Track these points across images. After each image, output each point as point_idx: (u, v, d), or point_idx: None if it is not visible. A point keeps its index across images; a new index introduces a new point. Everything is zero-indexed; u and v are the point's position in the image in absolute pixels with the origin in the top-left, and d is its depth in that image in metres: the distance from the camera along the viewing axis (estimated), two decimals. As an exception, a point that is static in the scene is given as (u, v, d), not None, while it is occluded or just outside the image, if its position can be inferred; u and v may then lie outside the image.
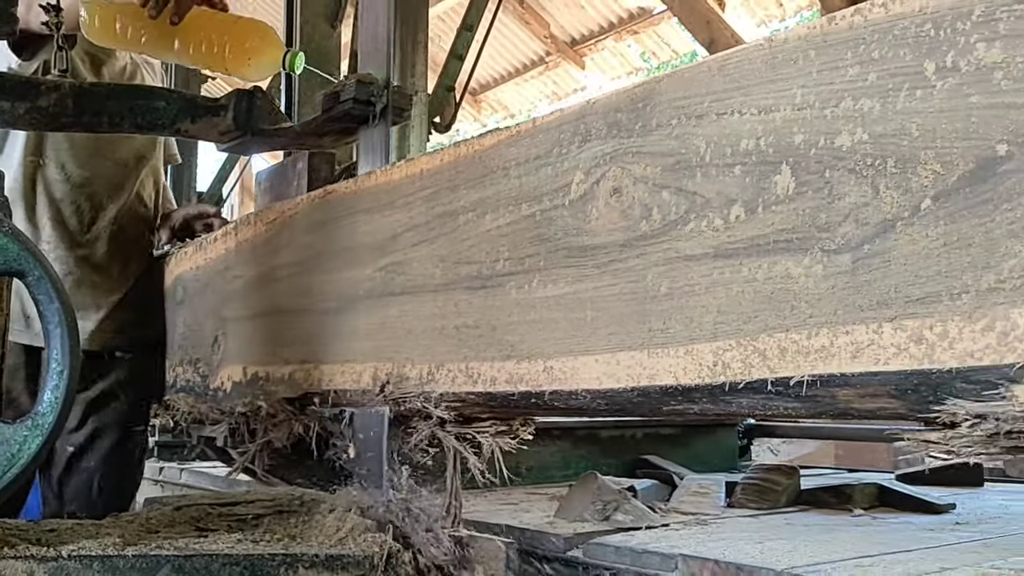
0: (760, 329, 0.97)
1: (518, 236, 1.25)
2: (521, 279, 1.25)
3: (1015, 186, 0.80)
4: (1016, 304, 0.79)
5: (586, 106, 1.19)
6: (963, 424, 0.85)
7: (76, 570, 1.29)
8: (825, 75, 0.94)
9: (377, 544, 1.40)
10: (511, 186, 1.27)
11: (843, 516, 1.89)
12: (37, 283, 1.33)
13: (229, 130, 1.97)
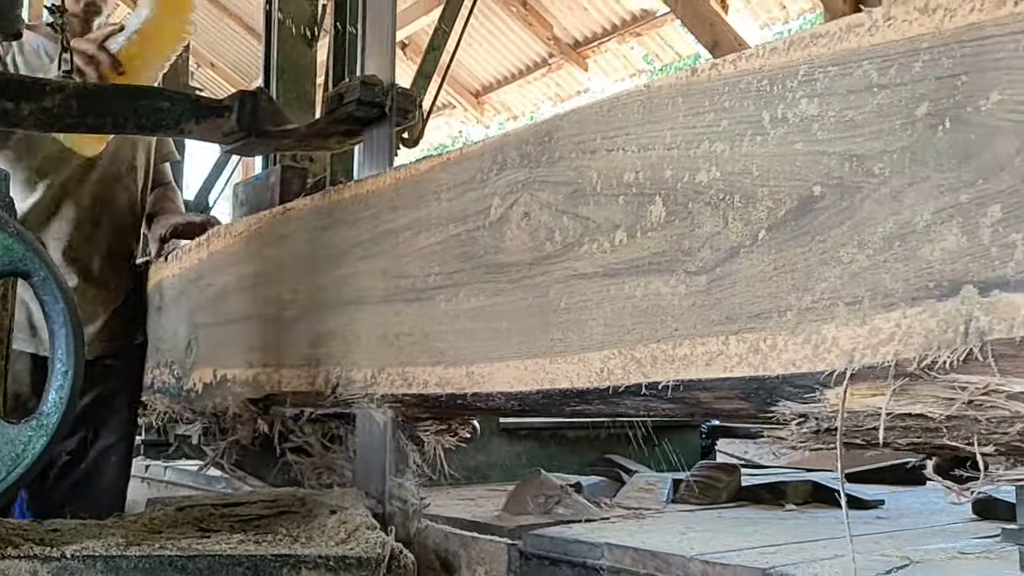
0: (637, 340, 1.13)
1: (447, 253, 1.41)
2: (449, 292, 1.41)
3: (826, 221, 0.95)
4: (827, 320, 0.95)
5: (504, 138, 1.35)
6: (792, 422, 1.00)
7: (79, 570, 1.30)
8: (689, 119, 1.10)
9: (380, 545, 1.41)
10: (442, 208, 1.43)
11: (776, 511, 2.05)
12: (42, 284, 1.33)
13: (233, 131, 1.99)
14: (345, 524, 1.49)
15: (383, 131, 1.89)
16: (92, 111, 1.89)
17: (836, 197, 0.94)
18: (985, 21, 0.85)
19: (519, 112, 12.75)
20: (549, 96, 12.41)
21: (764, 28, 10.93)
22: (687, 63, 11.81)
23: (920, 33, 0.89)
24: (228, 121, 1.98)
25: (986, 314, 0.82)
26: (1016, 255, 0.81)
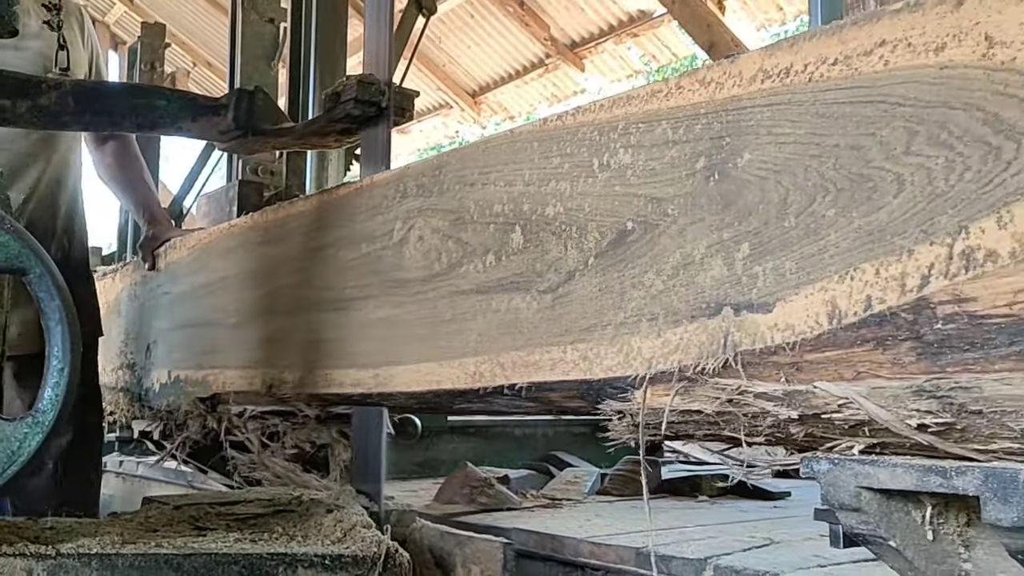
0: (502, 348, 1.36)
1: (360, 269, 1.65)
2: (361, 303, 1.64)
3: (635, 251, 1.18)
4: (634, 334, 1.18)
5: (405, 170, 1.59)
6: (614, 418, 1.24)
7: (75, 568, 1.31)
8: (542, 161, 1.33)
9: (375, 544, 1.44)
10: (357, 229, 1.67)
11: (688, 502, 2.28)
12: (38, 281, 1.34)
13: (229, 129, 2.02)
14: (341, 523, 1.52)
15: (380, 129, 1.94)
16: (89, 109, 1.91)
17: (642, 231, 1.17)
18: (742, 94, 1.07)
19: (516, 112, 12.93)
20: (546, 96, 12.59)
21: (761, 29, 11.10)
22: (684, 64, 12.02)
23: (699, 101, 1.12)
24: (224, 119, 2.03)
25: (738, 330, 1.05)
26: (758, 283, 1.04)
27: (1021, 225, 0.84)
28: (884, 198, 0.94)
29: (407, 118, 1.99)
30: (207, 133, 2.10)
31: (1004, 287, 0.85)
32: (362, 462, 1.87)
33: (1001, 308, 0.86)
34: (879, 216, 0.94)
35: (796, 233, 1.01)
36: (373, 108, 1.91)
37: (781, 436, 1.12)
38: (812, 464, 1.08)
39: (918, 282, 0.90)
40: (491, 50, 12.13)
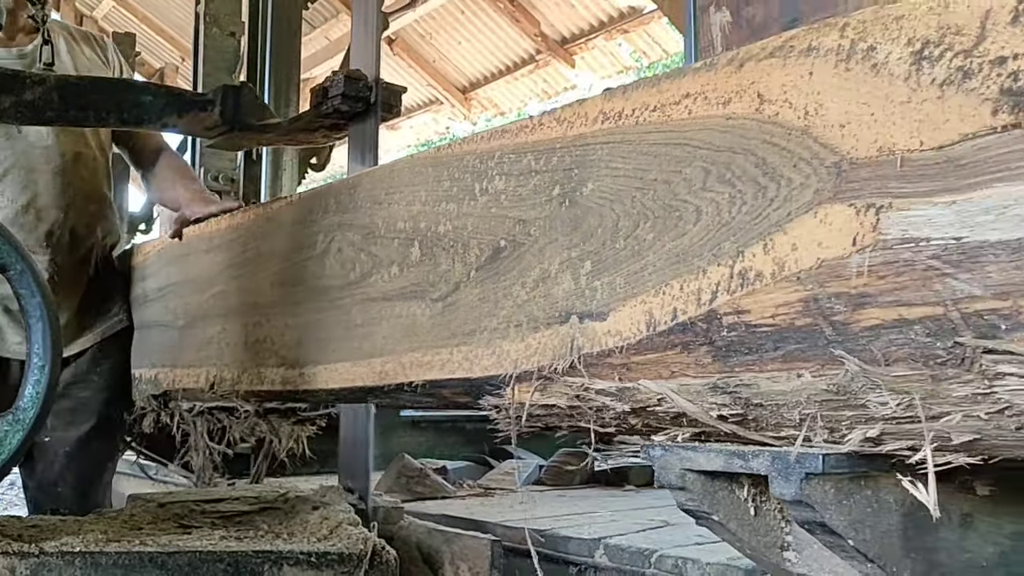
0: (403, 349, 1.57)
1: (288, 276, 1.86)
2: (289, 308, 1.85)
3: (507, 266, 1.39)
4: (504, 338, 1.38)
5: (328, 187, 1.80)
6: (493, 411, 1.44)
7: (58, 566, 1.31)
8: (436, 184, 1.54)
9: (362, 541, 1.47)
10: (286, 240, 1.88)
11: (614, 491, 2.49)
12: (19, 277, 1.35)
13: (216, 125, 2.06)
14: (327, 520, 1.56)
15: (368, 125, 2.00)
16: (73, 104, 1.93)
17: (512, 249, 1.38)
18: (587, 132, 1.28)
19: (507, 108, 13.10)
20: (536, 93, 12.76)
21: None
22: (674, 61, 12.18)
23: (556, 136, 1.33)
24: (211, 115, 2.06)
25: (581, 335, 1.26)
26: (597, 296, 1.25)
27: (780, 251, 1.04)
28: (687, 226, 1.14)
29: (395, 114, 2.06)
30: (193, 129, 2.14)
31: (768, 301, 1.06)
32: (349, 459, 1.95)
33: (767, 319, 1.06)
34: (683, 241, 1.15)
35: (625, 253, 1.21)
36: (361, 104, 1.96)
37: (625, 426, 1.33)
38: (648, 450, 1.29)
39: (709, 297, 1.11)
40: (481, 46, 12.30)
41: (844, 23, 1.00)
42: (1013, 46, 0.87)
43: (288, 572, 1.43)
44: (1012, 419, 0.96)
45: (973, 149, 0.90)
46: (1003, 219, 0.88)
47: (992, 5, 0.89)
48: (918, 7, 0.94)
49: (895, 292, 0.96)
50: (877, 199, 0.96)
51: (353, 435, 1.94)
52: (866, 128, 0.97)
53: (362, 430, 1.91)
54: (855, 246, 0.97)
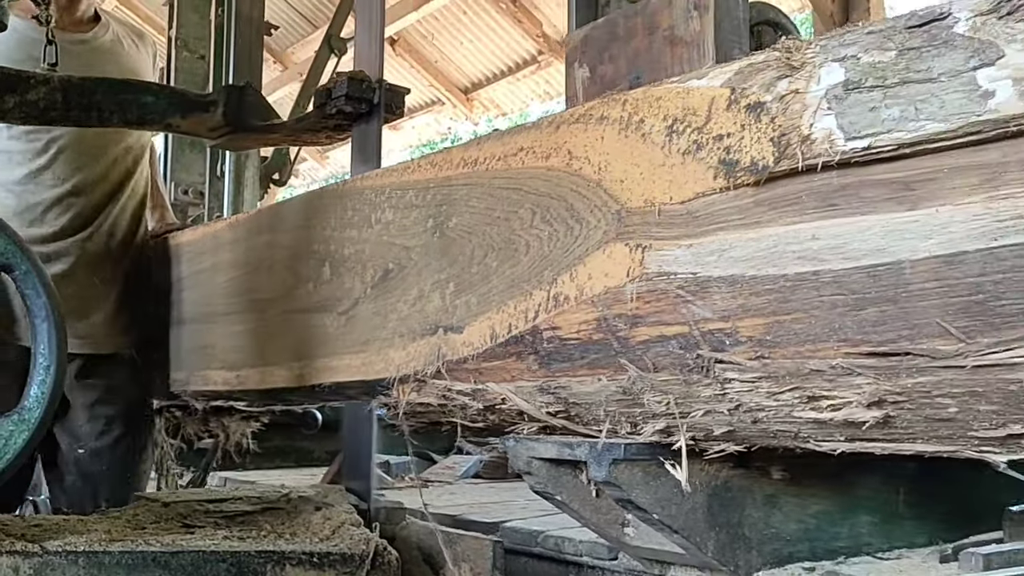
0: (316, 355, 1.88)
1: (231, 289, 2.17)
2: (233, 317, 2.16)
3: (394, 285, 1.69)
4: (391, 347, 1.69)
5: (260, 211, 2.11)
6: (386, 408, 1.74)
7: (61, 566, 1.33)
8: (342, 213, 1.84)
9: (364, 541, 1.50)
10: (228, 256, 2.19)
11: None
12: (24, 278, 1.37)
13: (219, 126, 2.09)
14: (330, 521, 1.60)
15: (372, 126, 2.04)
16: (77, 105, 1.96)
17: (398, 271, 1.68)
18: (452, 175, 1.58)
19: (508, 109, 13.32)
20: (538, 94, 12.98)
21: (754, 27, 11.47)
22: (677, 62, 12.31)
23: (430, 177, 1.63)
24: (214, 116, 2.09)
25: (445, 345, 1.56)
26: (457, 312, 1.55)
27: (580, 279, 1.34)
28: (520, 256, 1.44)
29: (398, 115, 2.13)
30: (197, 129, 2.17)
31: (574, 319, 1.35)
32: (352, 460, 1.99)
33: (574, 333, 1.36)
34: (517, 268, 1.44)
35: (477, 277, 1.51)
36: (364, 104, 2.00)
37: (489, 422, 1.63)
38: (505, 442, 1.59)
39: (534, 315, 1.41)
40: (484, 47, 12.53)
41: (624, 99, 1.30)
42: (727, 127, 1.16)
43: (290, 572, 1.46)
44: (747, 415, 1.25)
45: (703, 204, 1.19)
46: (723, 259, 1.17)
47: (716, 94, 1.18)
48: (671, 91, 1.24)
49: (657, 314, 1.25)
50: (643, 240, 1.26)
51: (355, 436, 2.01)
52: (637, 183, 1.27)
53: (364, 431, 1.97)
54: (628, 277, 1.27)
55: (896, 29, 1.02)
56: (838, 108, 1.06)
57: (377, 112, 2.03)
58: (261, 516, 1.69)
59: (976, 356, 1.00)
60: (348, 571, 1.50)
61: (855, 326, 1.08)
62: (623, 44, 1.67)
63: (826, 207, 1.08)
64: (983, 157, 0.97)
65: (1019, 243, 0.94)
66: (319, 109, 2.06)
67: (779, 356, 1.16)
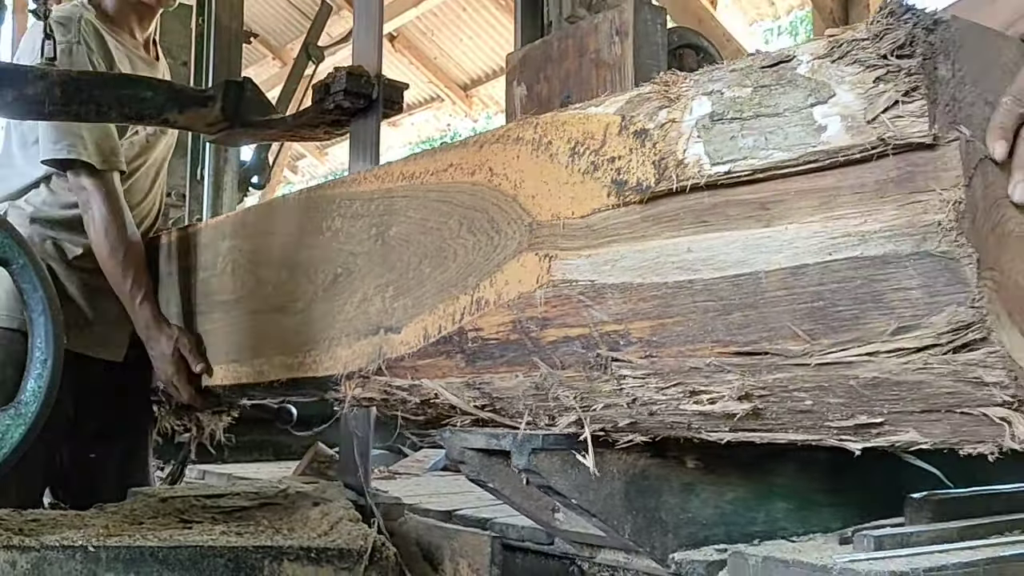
0: (274, 353, 2.04)
1: (199, 290, 2.34)
2: (204, 316, 2.33)
3: (342, 288, 1.86)
4: (339, 345, 1.85)
5: (226, 218, 2.28)
6: (333, 403, 1.91)
7: (58, 560, 1.34)
8: (300, 220, 2.00)
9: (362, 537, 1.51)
10: (199, 258, 2.36)
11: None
12: (21, 271, 1.39)
13: (217, 120, 2.13)
14: (327, 516, 1.62)
15: (370, 122, 2.08)
16: (75, 99, 1.99)
17: (346, 275, 1.85)
18: (393, 188, 1.75)
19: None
20: (537, 91, 13.08)
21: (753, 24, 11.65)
22: (676, 59, 12.45)
23: (375, 189, 1.80)
24: (212, 110, 2.14)
25: (386, 344, 1.73)
26: (396, 314, 1.71)
27: (499, 285, 1.50)
28: (450, 263, 1.61)
29: (396, 110, 2.14)
30: (195, 124, 2.22)
31: (493, 321, 1.52)
32: (349, 456, 2.02)
33: (494, 334, 1.53)
34: (447, 274, 1.61)
35: (413, 282, 1.68)
36: (363, 100, 2.04)
37: (428, 415, 1.79)
38: (441, 434, 1.75)
39: (460, 317, 1.57)
40: (483, 43, 12.69)
41: (536, 122, 1.46)
42: (619, 150, 1.33)
43: (288, 567, 1.47)
44: (643, 407, 1.41)
45: (600, 219, 1.36)
46: (615, 268, 1.34)
47: (610, 121, 1.35)
48: (573, 116, 1.40)
49: (562, 317, 1.42)
50: (550, 251, 1.42)
51: (353, 433, 2.03)
52: (546, 199, 1.43)
53: (362, 428, 2.00)
54: (538, 283, 1.43)
55: (753, 68, 1.18)
56: (706, 136, 1.22)
57: (376, 108, 2.07)
58: (259, 511, 1.72)
59: (819, 355, 1.16)
60: (346, 566, 1.51)
61: (724, 328, 1.24)
62: (556, 65, 1.83)
63: (699, 223, 1.25)
64: (820, 183, 1.13)
65: (850, 257, 1.10)
66: (317, 104, 2.09)
67: (664, 355, 1.32)
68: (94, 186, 2.35)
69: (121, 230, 2.35)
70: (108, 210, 2.34)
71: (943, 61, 1.05)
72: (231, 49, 3.14)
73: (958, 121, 1.05)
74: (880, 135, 1.05)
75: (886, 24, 1.05)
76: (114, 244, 2.33)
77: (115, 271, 2.34)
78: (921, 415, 1.15)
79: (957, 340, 1.04)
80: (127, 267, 2.33)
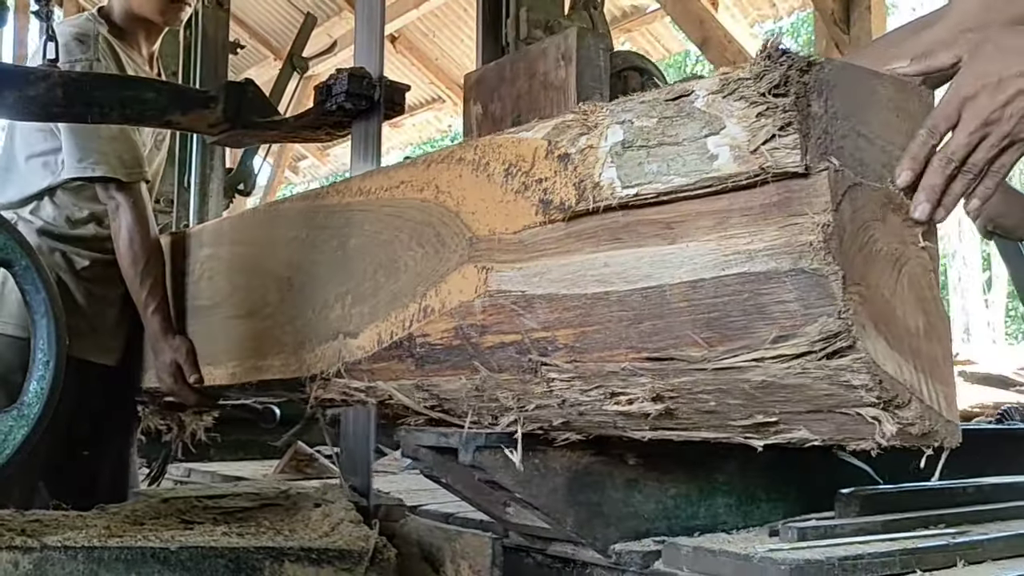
0: (245, 356, 2.19)
1: (180, 296, 2.49)
2: (182, 322, 2.48)
3: (306, 295, 2.00)
4: (304, 350, 2.00)
5: (202, 228, 2.43)
6: (303, 402, 2.06)
7: (60, 561, 1.35)
8: (268, 231, 2.15)
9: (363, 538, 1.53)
10: (181, 265, 2.51)
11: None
12: (24, 273, 1.40)
13: (219, 122, 2.15)
14: (329, 517, 1.63)
15: (372, 123, 2.12)
16: (78, 100, 2.01)
17: (309, 282, 2.00)
18: (352, 202, 1.90)
19: (509, 107, 13.55)
20: (538, 91, 13.21)
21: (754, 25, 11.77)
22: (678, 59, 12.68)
23: (336, 202, 1.95)
24: (214, 112, 2.15)
25: (344, 349, 1.88)
26: (354, 320, 1.86)
27: (443, 294, 1.65)
28: (401, 273, 1.75)
29: (398, 112, 2.18)
30: (197, 126, 2.25)
31: (439, 328, 1.66)
32: (351, 457, 2.06)
33: (439, 340, 1.67)
34: (398, 284, 1.76)
35: (369, 291, 1.83)
36: (365, 101, 2.08)
37: (385, 414, 1.94)
38: (399, 432, 1.89)
39: (409, 324, 1.72)
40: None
41: (476, 145, 1.61)
42: (546, 172, 1.47)
43: (289, 568, 1.48)
44: (572, 408, 1.55)
45: (530, 235, 1.50)
46: (543, 280, 1.48)
47: (538, 145, 1.49)
48: (508, 140, 1.55)
49: (498, 324, 1.56)
50: (487, 263, 1.57)
51: (355, 433, 2.07)
52: (484, 215, 1.58)
53: (363, 428, 2.03)
54: (477, 293, 1.58)
55: (658, 101, 1.33)
56: (618, 162, 1.36)
57: (377, 109, 2.11)
58: (260, 512, 1.75)
59: (716, 361, 1.30)
60: (346, 568, 1.53)
61: (637, 336, 1.38)
62: (509, 86, 1.98)
63: (614, 240, 1.39)
64: (715, 205, 1.27)
65: (739, 272, 1.25)
66: (319, 106, 2.13)
67: (587, 360, 1.46)
68: (123, 198, 2.49)
69: (145, 240, 2.49)
70: (135, 220, 2.48)
71: (816, 99, 1.19)
72: (218, 59, 3.29)
73: (829, 152, 1.19)
74: (761, 164, 1.20)
75: (764, 66, 1.19)
76: (137, 254, 2.47)
77: (134, 280, 2.48)
78: (808, 415, 1.30)
79: (829, 347, 1.19)
80: (146, 277, 2.46)
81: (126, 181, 2.48)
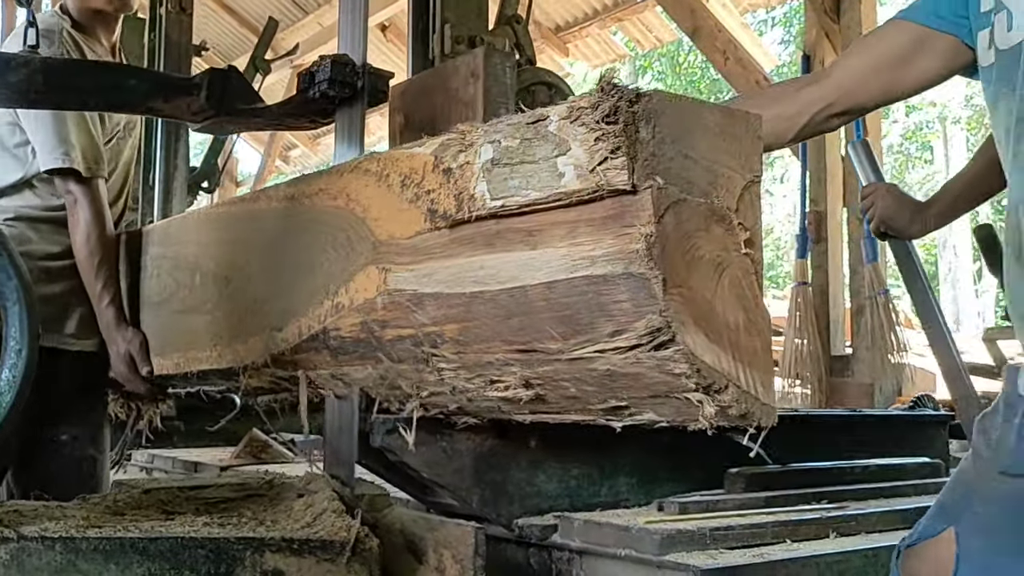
0: (188, 348, 2.42)
1: (135, 292, 2.71)
2: (137, 317, 2.71)
3: (242, 293, 2.23)
4: (237, 342, 2.22)
5: (153, 227, 2.65)
6: (237, 390, 2.28)
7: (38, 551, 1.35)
8: (208, 232, 2.38)
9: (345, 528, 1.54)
10: (137, 264, 2.73)
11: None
12: None
13: (202, 109, 2.16)
14: (311, 508, 1.65)
15: (355, 111, 2.15)
16: (58, 87, 2.01)
17: (245, 281, 2.22)
18: (279, 207, 2.12)
19: (500, 97, 13.74)
20: (529, 82, 13.41)
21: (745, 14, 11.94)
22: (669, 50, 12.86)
23: (265, 207, 2.17)
24: (197, 99, 2.16)
25: (272, 340, 2.10)
26: (279, 315, 2.08)
27: (351, 292, 1.87)
28: (318, 273, 1.98)
29: (382, 99, 2.18)
30: (180, 113, 2.24)
31: (348, 322, 1.89)
32: (334, 447, 2.08)
33: (348, 333, 1.90)
34: (316, 282, 1.98)
35: (292, 289, 2.05)
36: (348, 89, 2.10)
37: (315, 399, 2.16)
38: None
39: (324, 318, 1.94)
40: (475, 33, 12.96)
41: (379, 157, 1.83)
42: (433, 184, 1.69)
43: (270, 559, 1.48)
44: (461, 395, 1.78)
45: (420, 240, 1.72)
46: (431, 281, 1.71)
47: (427, 159, 1.71)
48: (404, 154, 1.77)
49: (396, 319, 1.79)
50: (387, 265, 1.79)
51: (338, 423, 2.08)
52: (385, 222, 1.80)
53: (347, 419, 2.05)
54: (378, 292, 1.80)
55: (521, 124, 1.55)
56: (488, 177, 1.58)
57: (361, 96, 2.14)
58: (243, 503, 1.77)
59: (569, 352, 1.52)
60: (328, 557, 1.54)
61: (508, 331, 1.61)
62: (428, 99, 2.19)
63: (488, 246, 1.61)
64: (567, 216, 1.49)
65: (585, 275, 1.47)
66: (302, 93, 2.15)
67: (469, 351, 1.69)
68: (81, 192, 2.62)
69: (101, 236, 2.66)
70: (92, 215, 2.64)
71: (644, 126, 1.41)
72: (181, 62, 3.51)
73: (656, 172, 1.41)
74: (597, 182, 1.42)
75: (599, 97, 1.41)
76: (93, 249, 2.64)
77: (89, 273, 2.66)
78: (650, 399, 1.52)
79: (654, 340, 1.41)
80: (100, 270, 2.65)
81: (86, 176, 2.63)
